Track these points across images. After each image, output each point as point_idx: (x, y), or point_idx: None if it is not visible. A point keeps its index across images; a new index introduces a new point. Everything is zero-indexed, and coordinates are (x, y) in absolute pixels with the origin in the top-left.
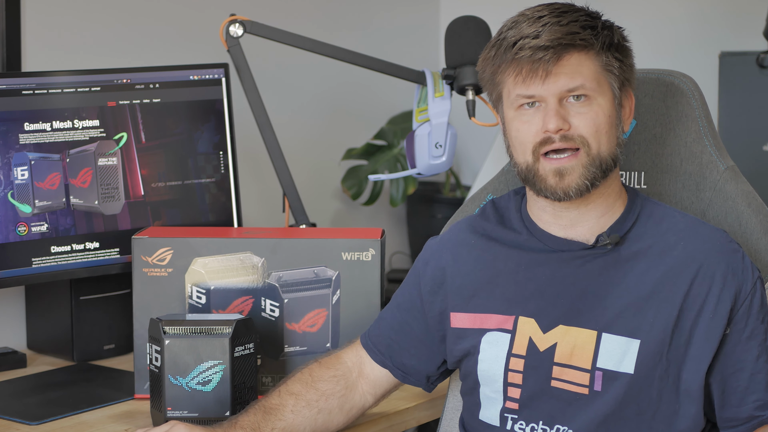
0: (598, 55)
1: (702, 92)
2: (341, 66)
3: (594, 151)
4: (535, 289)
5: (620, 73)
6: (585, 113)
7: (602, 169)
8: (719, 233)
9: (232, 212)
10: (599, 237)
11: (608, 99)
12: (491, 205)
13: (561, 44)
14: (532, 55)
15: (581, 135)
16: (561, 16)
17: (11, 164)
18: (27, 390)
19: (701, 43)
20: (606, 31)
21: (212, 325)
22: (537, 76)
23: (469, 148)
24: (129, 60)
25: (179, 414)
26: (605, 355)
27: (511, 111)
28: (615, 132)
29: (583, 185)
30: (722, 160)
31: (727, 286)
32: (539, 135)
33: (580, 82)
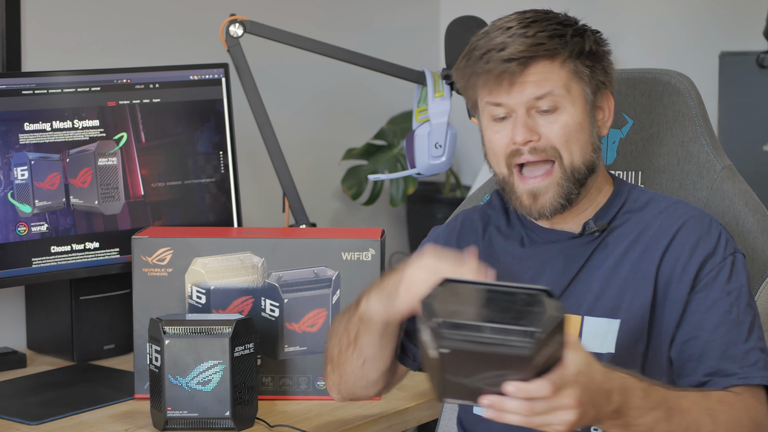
0: (565, 63)
1: (699, 92)
2: (341, 66)
3: (567, 162)
4: (528, 281)
5: (591, 78)
6: (554, 122)
7: (576, 181)
8: (698, 212)
9: (232, 212)
10: (586, 225)
11: (579, 106)
12: (497, 194)
13: (525, 56)
14: (498, 67)
15: (552, 146)
16: (528, 27)
17: (11, 164)
18: (27, 390)
19: (701, 43)
20: (576, 38)
21: (212, 325)
22: (503, 87)
23: (469, 148)
24: (129, 60)
25: (179, 414)
26: (588, 338)
27: (485, 121)
28: (588, 138)
29: (558, 204)
30: (719, 160)
31: (696, 255)
32: (509, 147)
33: (547, 89)
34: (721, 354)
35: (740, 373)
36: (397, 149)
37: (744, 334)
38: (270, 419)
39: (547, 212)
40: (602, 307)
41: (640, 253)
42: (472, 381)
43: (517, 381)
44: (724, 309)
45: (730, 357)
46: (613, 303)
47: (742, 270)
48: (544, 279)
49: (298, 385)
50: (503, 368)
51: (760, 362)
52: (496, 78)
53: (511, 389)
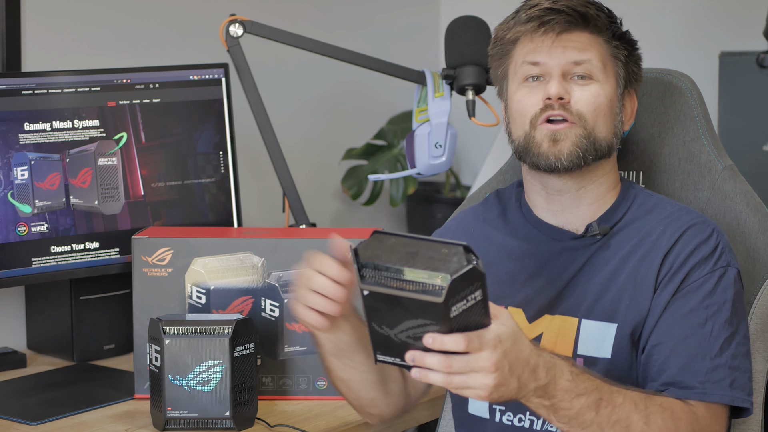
0: (609, 40)
1: (700, 91)
2: (341, 66)
3: (590, 127)
4: (525, 279)
5: (627, 63)
6: (586, 90)
7: (595, 148)
8: (702, 220)
9: (232, 212)
10: (589, 227)
11: (611, 85)
12: (495, 195)
13: (575, 11)
14: (544, 16)
15: (579, 110)
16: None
17: (11, 164)
18: (27, 390)
19: (701, 43)
20: (616, 25)
21: (212, 325)
22: (545, 41)
23: (469, 148)
24: (129, 60)
25: (179, 414)
26: (585, 342)
27: (515, 84)
28: (613, 119)
29: (575, 153)
30: (720, 160)
31: (688, 262)
32: (539, 104)
33: (587, 56)
34: (683, 365)
35: (699, 388)
36: (397, 149)
37: (715, 350)
38: (270, 419)
39: (564, 158)
40: (600, 310)
41: (641, 257)
42: (397, 333)
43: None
44: (698, 321)
45: (692, 370)
46: (611, 307)
47: (731, 285)
48: (542, 278)
49: (298, 385)
50: (421, 317)
51: (726, 380)
52: (542, 32)
53: (428, 340)
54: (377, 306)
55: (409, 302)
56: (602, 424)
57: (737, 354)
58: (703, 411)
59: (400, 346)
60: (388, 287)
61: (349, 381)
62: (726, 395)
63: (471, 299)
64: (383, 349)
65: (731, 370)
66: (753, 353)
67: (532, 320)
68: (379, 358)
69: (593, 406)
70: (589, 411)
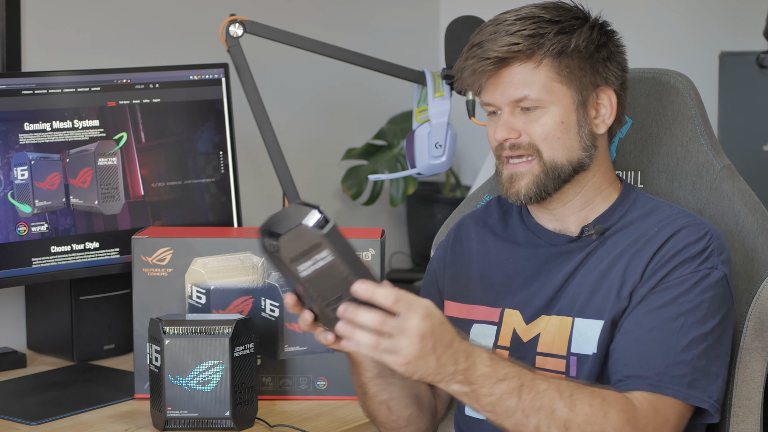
0: (542, 63)
1: (698, 91)
2: (341, 66)
3: (547, 158)
4: (523, 282)
5: (578, 78)
6: (534, 121)
7: (556, 176)
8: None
9: (232, 212)
10: (584, 228)
11: (563, 105)
12: (496, 200)
13: (498, 57)
14: (475, 65)
15: (532, 143)
16: (513, 25)
17: (11, 164)
18: (27, 390)
19: (701, 43)
20: (560, 37)
21: (212, 325)
22: (486, 88)
23: (469, 148)
24: (129, 60)
25: (179, 414)
26: (578, 340)
27: (486, 114)
28: (574, 137)
29: (532, 192)
30: (718, 159)
31: (673, 260)
32: (494, 142)
33: (524, 93)
34: (644, 355)
35: (653, 379)
36: (397, 149)
37: (681, 345)
38: (270, 419)
39: (522, 196)
40: (592, 308)
41: (632, 255)
42: (322, 307)
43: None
44: (669, 315)
45: (652, 361)
46: (601, 304)
47: (711, 287)
48: (539, 280)
49: (298, 385)
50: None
51: (686, 377)
52: (478, 77)
53: (360, 287)
54: (278, 269)
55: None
56: (526, 410)
57: (705, 356)
58: (647, 403)
59: (324, 313)
60: (269, 253)
61: (391, 401)
62: (681, 392)
63: (319, 260)
64: (328, 324)
65: (694, 369)
66: (752, 353)
67: (529, 321)
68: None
69: (515, 392)
70: (510, 397)
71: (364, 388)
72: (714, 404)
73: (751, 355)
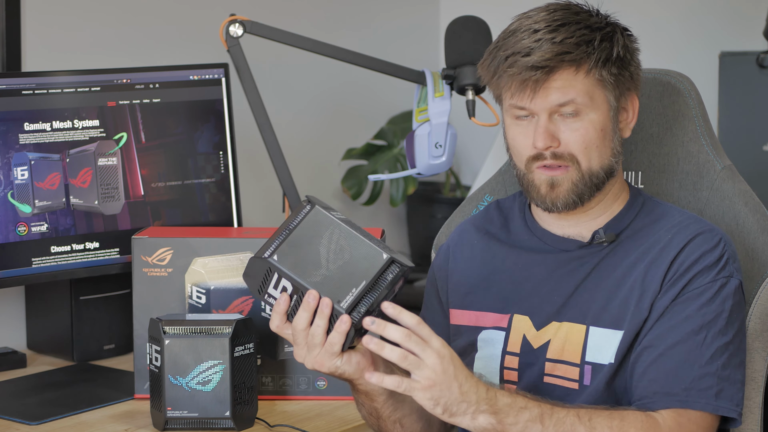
0: (590, 71)
1: (699, 91)
2: (341, 66)
3: (584, 167)
4: (532, 288)
5: (617, 85)
6: (576, 129)
7: (592, 184)
8: (710, 228)
9: (232, 212)
10: (595, 234)
11: (602, 112)
12: (495, 205)
13: (550, 65)
14: (522, 74)
15: (570, 153)
16: (556, 32)
17: (11, 164)
18: (27, 390)
19: (701, 43)
20: (604, 44)
21: (212, 325)
22: (526, 93)
23: (469, 148)
24: (129, 60)
25: (179, 414)
26: (593, 349)
27: (508, 118)
28: (609, 143)
29: (570, 200)
30: (719, 160)
31: (691, 270)
32: (531, 149)
33: (570, 97)
34: (670, 370)
35: (681, 395)
36: (397, 149)
37: (705, 358)
38: (270, 419)
39: (560, 203)
40: (607, 317)
41: (648, 264)
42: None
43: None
44: (692, 328)
45: (679, 376)
46: (618, 314)
47: (731, 296)
48: (549, 286)
49: (298, 385)
50: None
51: (712, 389)
52: (519, 83)
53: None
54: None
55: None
56: None
57: (729, 364)
58: (671, 419)
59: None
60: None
61: (403, 418)
62: (710, 404)
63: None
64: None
65: (720, 379)
66: (752, 353)
67: (539, 327)
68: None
69: (537, 420)
70: (534, 424)
71: (377, 413)
72: (740, 411)
73: (751, 355)
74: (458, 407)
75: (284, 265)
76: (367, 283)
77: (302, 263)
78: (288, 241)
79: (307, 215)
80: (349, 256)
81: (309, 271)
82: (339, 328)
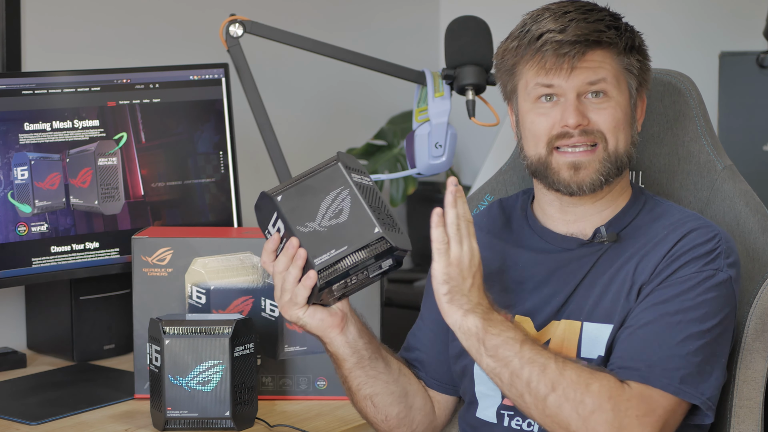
0: (620, 55)
1: (699, 92)
2: (341, 66)
3: (611, 147)
4: (533, 287)
5: (639, 74)
6: (604, 109)
7: (617, 166)
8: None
9: (232, 212)
10: (596, 232)
11: (625, 98)
12: (498, 204)
13: (588, 40)
14: (558, 49)
15: (600, 130)
16: (587, 14)
17: (11, 164)
18: (27, 390)
19: (701, 43)
20: (628, 33)
21: (212, 325)
22: (561, 70)
23: (469, 148)
24: (129, 60)
25: (179, 414)
26: (587, 344)
27: (528, 103)
28: (630, 130)
29: (598, 180)
30: (720, 160)
31: (678, 260)
32: (556, 128)
33: (602, 75)
34: (637, 348)
35: (644, 371)
36: (397, 149)
37: (676, 340)
38: (270, 419)
39: (586, 186)
40: (600, 312)
41: (640, 258)
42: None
43: None
44: (667, 310)
45: (645, 353)
46: (610, 308)
47: (714, 288)
48: (550, 286)
49: (298, 385)
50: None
51: (678, 371)
52: (555, 60)
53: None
54: (293, 204)
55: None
56: (523, 360)
57: (701, 353)
58: (636, 390)
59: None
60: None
61: (374, 396)
62: (671, 385)
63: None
64: (317, 249)
65: (688, 363)
66: (752, 353)
67: (540, 328)
68: (318, 263)
69: (518, 341)
70: (514, 343)
71: (347, 383)
72: (706, 402)
73: (752, 355)
74: (460, 299)
75: (284, 207)
76: (348, 249)
77: (299, 211)
78: (297, 187)
79: (326, 169)
80: (345, 219)
81: (302, 220)
82: (304, 282)
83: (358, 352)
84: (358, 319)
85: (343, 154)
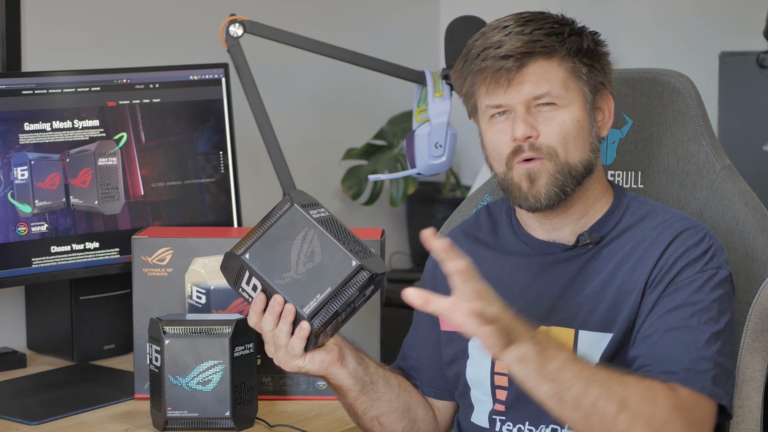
0: (563, 61)
1: (698, 91)
2: (341, 66)
3: (562, 159)
4: (519, 292)
5: (590, 78)
6: (552, 119)
7: (573, 176)
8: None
9: (232, 212)
10: (579, 237)
11: (578, 105)
12: (485, 210)
13: (522, 53)
14: (494, 65)
15: (549, 144)
16: (525, 25)
17: (11, 164)
18: (27, 390)
19: (701, 43)
20: (573, 37)
21: (212, 325)
22: (500, 86)
23: (469, 148)
24: (129, 60)
25: (179, 414)
26: (582, 352)
27: (484, 122)
28: (587, 137)
29: (552, 192)
30: (719, 159)
31: (677, 263)
32: (510, 145)
33: (546, 89)
34: (668, 355)
35: (681, 374)
36: (397, 149)
37: (701, 342)
38: (270, 419)
39: (543, 197)
40: (596, 320)
41: (633, 265)
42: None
43: None
44: (684, 315)
45: (678, 359)
46: (607, 316)
47: (719, 286)
48: (536, 290)
49: (298, 385)
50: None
51: (709, 373)
52: (493, 76)
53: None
54: (263, 259)
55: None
56: (587, 380)
57: (722, 352)
58: (685, 393)
59: (307, 279)
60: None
61: (380, 416)
62: (707, 387)
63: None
64: (302, 298)
65: (715, 365)
66: (752, 353)
67: None
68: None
69: (575, 360)
70: (573, 363)
71: (353, 409)
72: (731, 402)
73: (751, 355)
74: (512, 334)
75: (255, 264)
76: (333, 290)
77: (272, 264)
78: (262, 240)
79: (284, 214)
80: (319, 260)
81: (277, 273)
82: (298, 334)
83: (361, 380)
84: (352, 346)
85: (294, 193)
